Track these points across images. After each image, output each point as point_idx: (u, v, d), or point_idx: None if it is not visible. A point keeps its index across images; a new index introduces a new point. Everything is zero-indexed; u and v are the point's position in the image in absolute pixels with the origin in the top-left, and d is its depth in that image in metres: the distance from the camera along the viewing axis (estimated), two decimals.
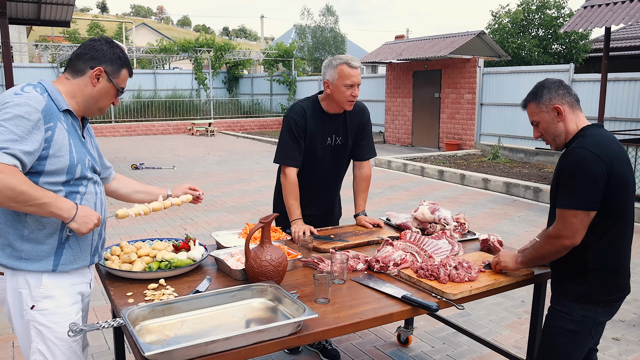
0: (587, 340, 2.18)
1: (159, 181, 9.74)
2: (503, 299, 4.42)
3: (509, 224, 6.94)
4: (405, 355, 3.45)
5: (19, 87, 1.86)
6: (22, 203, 1.72)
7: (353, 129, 3.15)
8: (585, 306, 2.14)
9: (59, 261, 1.90)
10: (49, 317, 1.89)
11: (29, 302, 1.87)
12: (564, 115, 2.17)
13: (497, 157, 12.02)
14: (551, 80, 2.23)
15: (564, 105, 2.17)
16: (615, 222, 2.10)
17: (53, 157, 1.83)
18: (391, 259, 2.42)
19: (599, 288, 2.13)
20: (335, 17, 32.44)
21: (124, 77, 2.04)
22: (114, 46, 2.01)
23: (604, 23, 7.67)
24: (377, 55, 16.14)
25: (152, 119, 20.16)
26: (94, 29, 25.29)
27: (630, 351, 3.56)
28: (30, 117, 1.76)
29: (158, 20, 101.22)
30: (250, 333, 1.69)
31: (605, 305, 2.15)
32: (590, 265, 2.13)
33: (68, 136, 1.89)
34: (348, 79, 2.87)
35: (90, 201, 1.98)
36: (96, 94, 1.98)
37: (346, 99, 2.93)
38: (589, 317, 2.14)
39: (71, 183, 1.91)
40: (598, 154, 2.01)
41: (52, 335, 1.90)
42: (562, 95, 2.17)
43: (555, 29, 15.99)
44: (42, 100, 1.82)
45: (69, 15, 10.89)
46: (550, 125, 2.19)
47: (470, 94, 13.67)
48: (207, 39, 21.36)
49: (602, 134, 2.12)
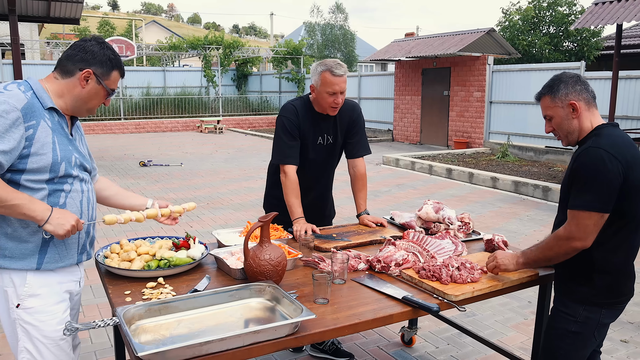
0: (590, 342, 2.14)
1: (167, 178, 9.76)
2: (510, 299, 4.37)
3: (518, 223, 6.87)
4: (408, 355, 3.42)
5: (3, 85, 1.85)
6: None
7: (343, 127, 3.13)
8: (588, 308, 2.09)
9: (44, 259, 1.89)
10: (35, 316, 1.88)
11: (15, 301, 1.87)
12: (580, 112, 2.09)
13: (506, 155, 11.92)
14: (569, 75, 2.14)
15: (580, 102, 2.09)
16: (625, 225, 2.04)
17: (35, 155, 1.82)
18: (393, 259, 2.39)
19: (604, 290, 2.08)
20: (345, 15, 32.30)
21: (114, 79, 2.01)
22: (104, 47, 1.97)
23: (615, 20, 7.56)
24: (386, 52, 16.06)
25: (161, 116, 20.23)
26: (104, 27, 25.39)
27: (638, 354, 3.50)
28: (7, 115, 1.74)
29: (168, 17, 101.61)
30: (247, 334, 1.66)
31: (609, 307, 2.10)
32: (596, 267, 2.08)
33: (52, 134, 1.87)
34: (330, 87, 2.83)
35: (75, 199, 1.97)
36: (85, 96, 1.96)
37: (329, 105, 2.91)
38: (592, 319, 2.10)
39: (55, 181, 1.89)
40: (615, 155, 1.94)
41: (38, 334, 1.89)
42: (579, 92, 2.10)
43: (567, 26, 15.84)
44: (23, 98, 1.81)
45: (79, 13, 10.94)
46: (565, 121, 2.12)
47: (479, 91, 13.56)
48: (216, 36, 21.36)
49: (618, 135, 2.05)
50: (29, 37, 23.44)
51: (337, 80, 2.82)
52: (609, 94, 9.68)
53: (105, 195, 2.35)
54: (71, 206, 1.94)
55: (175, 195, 8.20)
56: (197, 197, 8.14)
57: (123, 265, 2.24)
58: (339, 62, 2.87)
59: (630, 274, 2.14)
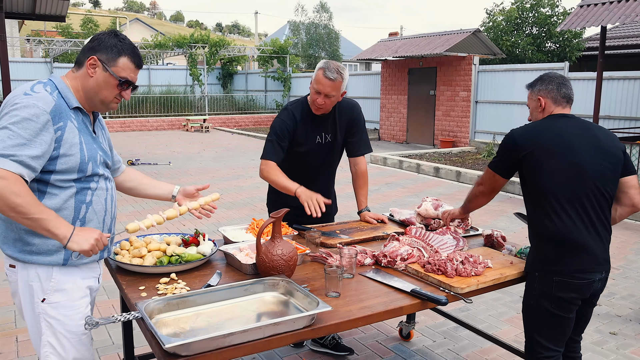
0: (560, 318, 2.31)
1: (156, 177, 9.72)
2: (502, 294, 4.48)
3: (506, 221, 7.00)
4: (407, 349, 3.50)
5: (30, 85, 1.85)
6: (20, 215, 1.71)
7: (343, 126, 3.19)
8: (540, 279, 2.33)
9: (70, 255, 1.92)
10: (60, 310, 1.91)
11: (40, 295, 1.89)
12: (544, 107, 2.43)
13: (492, 154, 12.09)
14: (550, 74, 2.47)
15: (547, 99, 2.42)
16: (542, 196, 2.29)
17: (64, 157, 1.84)
18: (398, 254, 2.46)
19: (542, 259, 2.32)
20: (330, 14, 32.38)
21: (123, 65, 1.93)
22: (114, 36, 1.94)
23: (600, 22, 7.75)
24: (373, 52, 16.17)
25: (147, 114, 20.10)
26: (87, 24, 25.05)
27: (627, 345, 3.63)
28: (38, 119, 1.75)
29: (151, 15, 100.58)
30: (267, 325, 1.71)
31: (560, 278, 2.27)
32: (535, 235, 2.36)
33: (79, 134, 1.89)
34: (317, 84, 2.90)
35: (101, 197, 2.00)
36: (94, 85, 1.92)
37: (313, 101, 2.97)
38: (545, 291, 2.30)
39: (82, 180, 1.92)
40: (515, 135, 2.36)
41: (62, 328, 1.92)
42: (550, 90, 2.41)
43: (549, 27, 16.10)
44: (51, 100, 1.81)
45: (65, 10, 10.82)
46: (533, 112, 2.51)
47: (465, 91, 13.73)
48: (202, 34, 21.29)
49: (542, 123, 2.37)
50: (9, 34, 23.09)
51: (325, 82, 2.86)
52: (592, 94, 9.91)
53: (129, 187, 2.41)
54: (97, 204, 1.97)
55: None
56: None
57: (135, 262, 2.27)
58: (339, 67, 2.89)
59: (576, 245, 2.29)
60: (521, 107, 12.38)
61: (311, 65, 30.34)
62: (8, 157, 1.70)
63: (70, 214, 1.90)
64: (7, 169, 1.70)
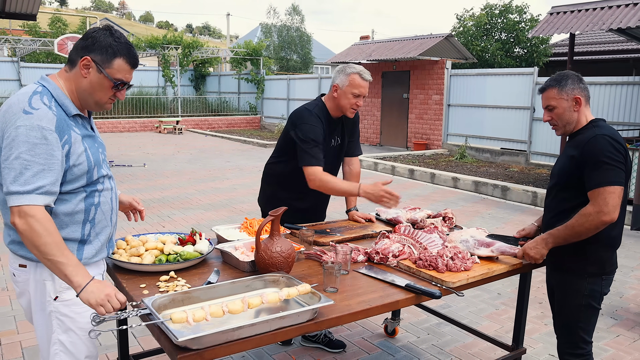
0: (597, 311, 2.45)
1: (131, 179, 9.63)
2: (480, 291, 4.62)
3: (480, 221, 7.19)
4: (392, 345, 3.59)
5: (26, 99, 1.77)
6: (42, 254, 1.72)
7: (349, 129, 3.28)
8: (591, 280, 2.40)
9: (82, 254, 1.94)
10: (72, 308, 1.92)
11: (52, 294, 1.90)
12: (581, 106, 2.40)
13: (464, 156, 12.37)
14: (572, 73, 2.45)
15: (582, 98, 2.40)
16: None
17: (73, 167, 1.84)
18: (390, 251, 2.54)
19: (598, 262, 2.40)
20: (302, 17, 32.56)
21: (118, 67, 1.86)
22: (109, 34, 1.86)
23: (569, 29, 8.04)
24: (347, 55, 16.32)
25: (118, 116, 19.79)
26: (55, 23, 24.49)
27: (601, 338, 3.81)
28: (47, 140, 1.73)
29: (120, 15, 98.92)
30: (274, 319, 1.77)
31: (607, 277, 2.42)
32: (591, 240, 2.35)
33: (82, 141, 1.88)
34: (357, 89, 3.00)
35: (107, 197, 2.02)
36: (88, 87, 1.87)
37: (350, 106, 3.05)
38: (596, 290, 2.40)
39: (90, 184, 1.94)
40: (619, 141, 2.27)
41: (73, 326, 1.93)
42: (583, 89, 2.41)
43: (518, 33, 16.53)
44: (52, 116, 1.77)
45: (36, 9, 10.61)
46: (566, 113, 2.41)
47: (438, 95, 14.00)
48: (175, 35, 21.10)
49: (610, 127, 2.37)
50: None
51: (364, 84, 3.01)
52: None
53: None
54: (104, 204, 2.00)
55: (142, 196, 8.12)
56: (166, 198, 8.10)
57: (133, 260, 2.29)
58: (364, 68, 3.05)
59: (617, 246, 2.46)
60: (492, 111, 12.69)
61: (283, 68, 30.39)
62: (33, 192, 1.69)
63: (81, 217, 1.92)
64: (35, 204, 1.69)
